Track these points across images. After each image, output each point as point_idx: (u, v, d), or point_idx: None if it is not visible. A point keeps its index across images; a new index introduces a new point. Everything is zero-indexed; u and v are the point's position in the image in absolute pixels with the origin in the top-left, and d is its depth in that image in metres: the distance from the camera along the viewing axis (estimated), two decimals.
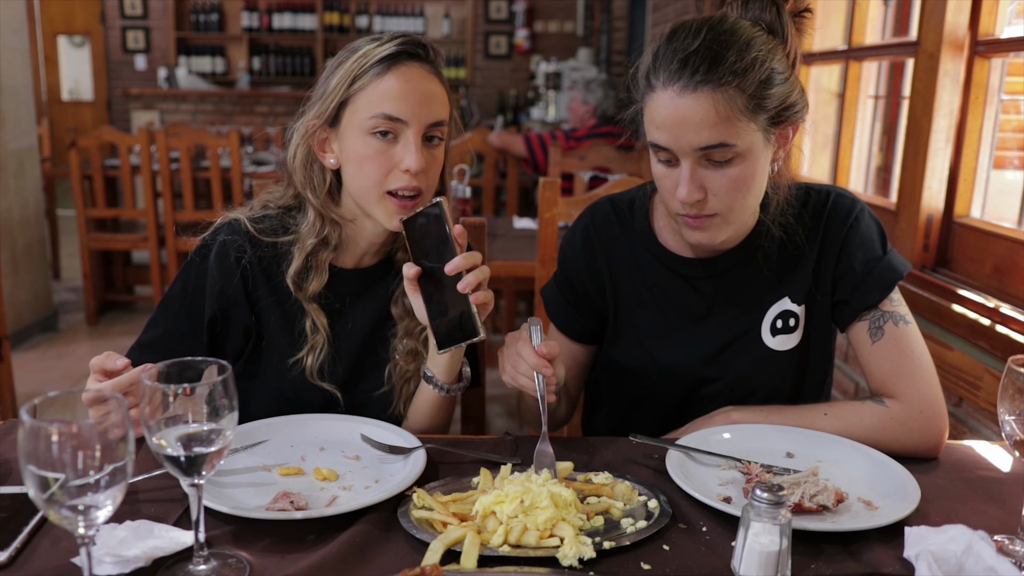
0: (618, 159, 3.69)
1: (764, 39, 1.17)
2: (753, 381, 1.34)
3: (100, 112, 9.06)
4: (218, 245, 1.30)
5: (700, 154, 1.15)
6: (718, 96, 1.12)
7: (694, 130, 1.14)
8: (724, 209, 1.20)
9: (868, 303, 1.28)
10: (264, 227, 1.32)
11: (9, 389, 3.01)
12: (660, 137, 1.17)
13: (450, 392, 1.32)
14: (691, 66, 1.13)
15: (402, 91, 1.22)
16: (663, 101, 1.15)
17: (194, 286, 1.30)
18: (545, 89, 6.90)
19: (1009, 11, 1.90)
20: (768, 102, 1.16)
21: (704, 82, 1.12)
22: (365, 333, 1.37)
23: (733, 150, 1.15)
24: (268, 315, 1.33)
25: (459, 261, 1.16)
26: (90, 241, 4.64)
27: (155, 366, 0.87)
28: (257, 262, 1.31)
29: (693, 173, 1.17)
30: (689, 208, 1.19)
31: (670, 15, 5.06)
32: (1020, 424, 0.95)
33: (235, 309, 1.31)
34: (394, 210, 1.25)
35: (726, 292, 1.33)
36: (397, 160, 1.23)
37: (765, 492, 0.86)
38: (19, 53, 4.37)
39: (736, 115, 1.13)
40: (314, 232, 1.30)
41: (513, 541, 0.93)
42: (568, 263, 1.43)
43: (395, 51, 1.23)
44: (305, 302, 1.31)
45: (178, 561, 0.89)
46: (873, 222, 1.32)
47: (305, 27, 8.66)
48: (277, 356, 1.33)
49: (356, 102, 1.24)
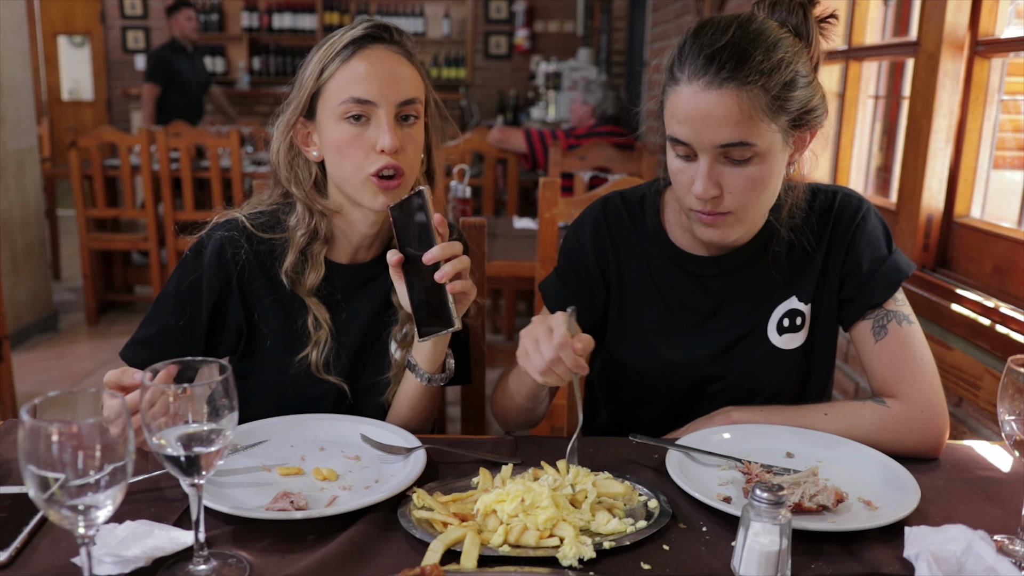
0: (618, 159, 3.69)
1: (790, 41, 1.18)
2: (758, 380, 1.34)
3: (100, 112, 9.06)
4: (214, 241, 1.31)
5: (719, 151, 1.15)
6: (742, 94, 1.12)
7: (716, 127, 1.13)
8: (738, 207, 1.19)
9: (873, 302, 1.28)
10: (260, 223, 1.33)
11: (9, 389, 3.01)
12: (681, 131, 1.17)
13: (431, 382, 1.31)
14: (717, 62, 1.13)
15: (368, 73, 1.23)
16: (686, 95, 1.15)
17: (189, 283, 1.30)
18: (545, 89, 6.90)
19: (1009, 11, 1.90)
20: (790, 104, 1.16)
21: (729, 79, 1.12)
22: (365, 324, 1.37)
23: (752, 149, 1.15)
24: (266, 312, 1.33)
25: (436, 251, 1.16)
26: (90, 241, 4.64)
27: (163, 371, 0.86)
28: (254, 257, 1.31)
29: (711, 170, 1.17)
30: (704, 204, 1.19)
31: (670, 15, 5.06)
32: (1020, 424, 0.95)
33: (230, 305, 1.32)
34: (377, 191, 1.25)
35: (735, 290, 1.33)
36: (372, 142, 1.24)
37: (765, 492, 0.86)
38: (19, 53, 4.37)
39: (758, 115, 1.13)
40: (303, 225, 1.31)
41: (513, 541, 0.93)
42: (575, 254, 1.41)
43: (359, 35, 1.25)
44: (305, 297, 1.32)
45: (178, 561, 0.89)
46: (879, 222, 1.33)
47: (305, 27, 8.66)
48: (276, 352, 1.33)
49: (327, 91, 1.25)
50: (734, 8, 3.74)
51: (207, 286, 1.30)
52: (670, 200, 1.38)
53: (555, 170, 3.68)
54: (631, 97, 5.47)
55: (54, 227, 5.74)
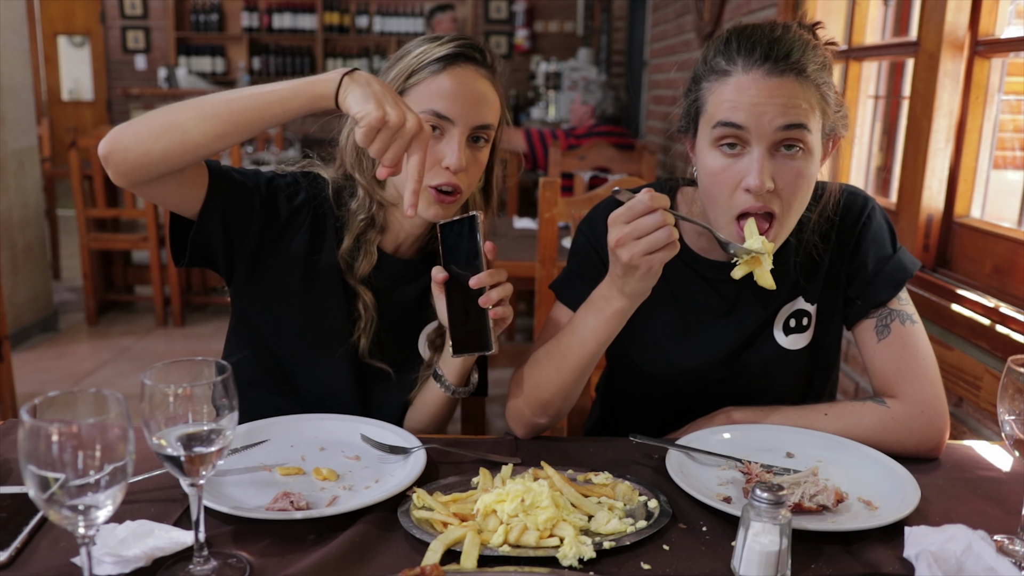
0: (618, 159, 3.69)
1: (822, 50, 1.20)
2: (765, 381, 1.33)
3: (100, 112, 9.06)
4: (302, 191, 1.32)
5: (779, 136, 1.14)
6: (800, 83, 1.14)
7: (779, 108, 1.13)
8: (783, 208, 1.17)
9: (878, 301, 1.28)
10: (338, 198, 1.35)
11: (9, 389, 3.00)
12: (738, 116, 1.14)
13: (455, 394, 1.33)
14: (775, 54, 1.14)
15: (453, 91, 1.25)
16: (745, 83, 1.15)
17: (269, 185, 1.30)
18: (545, 89, 6.90)
19: (1009, 11, 1.90)
20: (830, 107, 1.19)
21: (789, 70, 1.14)
22: (401, 316, 1.38)
23: (806, 138, 1.15)
24: (298, 265, 1.32)
25: (485, 276, 1.19)
26: (90, 241, 4.64)
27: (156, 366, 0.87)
28: (319, 220, 1.33)
29: (766, 160, 1.15)
30: (756, 200, 1.16)
31: (670, 15, 5.07)
32: (1020, 424, 0.95)
33: (278, 242, 1.31)
34: (432, 201, 1.27)
35: (747, 293, 1.32)
36: (440, 156, 1.25)
37: (765, 492, 0.86)
38: (19, 53, 4.37)
39: (812, 106, 1.15)
40: (364, 208, 1.33)
41: (513, 541, 0.93)
42: (590, 248, 1.37)
43: (453, 52, 1.26)
44: (356, 284, 1.33)
45: (178, 561, 0.89)
46: (884, 220, 1.33)
47: (305, 27, 8.67)
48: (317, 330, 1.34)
49: (409, 96, 1.26)
50: (734, 8, 3.74)
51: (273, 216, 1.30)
52: (682, 203, 1.36)
53: (555, 170, 3.68)
54: (631, 97, 5.47)
55: (54, 227, 5.74)
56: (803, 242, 1.30)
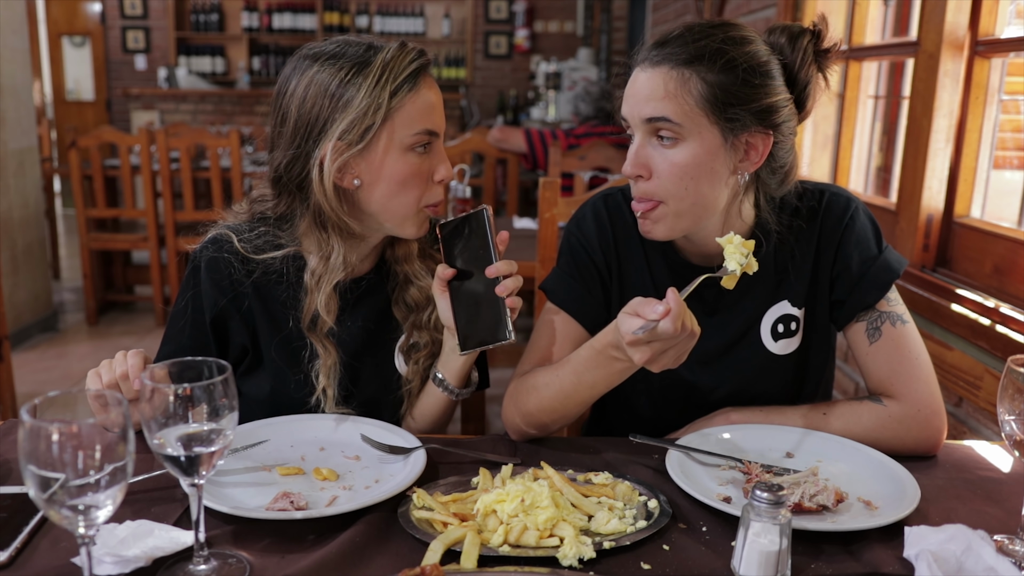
0: (618, 159, 3.68)
1: (762, 50, 1.19)
2: (756, 387, 1.33)
3: (100, 112, 9.06)
4: (207, 261, 1.27)
5: (648, 127, 1.18)
6: (675, 74, 1.16)
7: (644, 100, 1.18)
8: (667, 196, 1.19)
9: (865, 303, 1.28)
10: (256, 244, 1.28)
11: (9, 389, 3.01)
12: (623, 108, 1.22)
13: (459, 396, 1.33)
14: (659, 45, 1.19)
15: (434, 104, 1.23)
16: (631, 76, 1.22)
17: (193, 303, 1.28)
18: (545, 89, 6.90)
19: (1009, 11, 1.90)
20: (731, 102, 1.15)
21: (665, 60, 1.17)
22: (364, 337, 1.34)
23: (678, 130, 1.16)
24: (265, 336, 1.30)
25: (502, 266, 1.20)
26: (90, 241, 4.64)
27: (156, 366, 0.87)
28: (246, 276, 1.27)
29: (640, 148, 1.20)
30: (635, 189, 1.22)
31: (670, 15, 5.06)
32: (1020, 424, 0.95)
33: (231, 324, 1.29)
34: (425, 220, 1.27)
35: (727, 297, 1.31)
36: (429, 172, 1.24)
37: (765, 492, 0.86)
38: (19, 53, 4.37)
39: (686, 97, 1.15)
40: (339, 265, 1.24)
41: (513, 541, 0.93)
42: (580, 246, 1.37)
43: (419, 65, 1.21)
44: (320, 340, 1.27)
45: (178, 561, 0.90)
46: (868, 220, 1.31)
47: (305, 27, 8.66)
48: (277, 376, 1.30)
49: (394, 120, 1.19)
50: (734, 8, 3.74)
51: (206, 303, 1.27)
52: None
53: (555, 170, 3.67)
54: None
55: (54, 227, 5.74)
56: (783, 244, 1.29)
